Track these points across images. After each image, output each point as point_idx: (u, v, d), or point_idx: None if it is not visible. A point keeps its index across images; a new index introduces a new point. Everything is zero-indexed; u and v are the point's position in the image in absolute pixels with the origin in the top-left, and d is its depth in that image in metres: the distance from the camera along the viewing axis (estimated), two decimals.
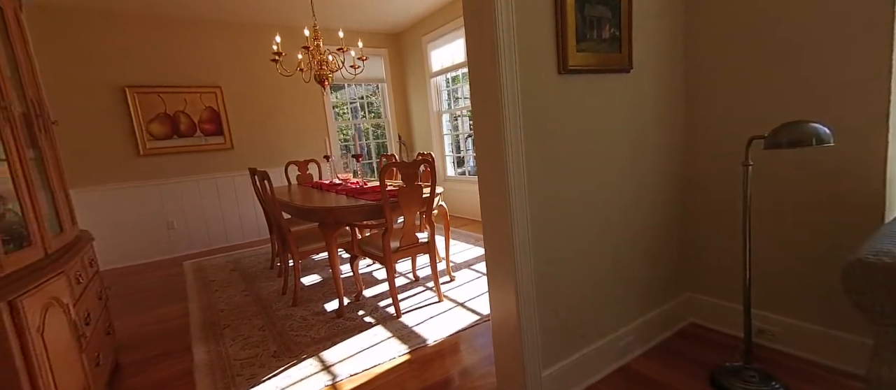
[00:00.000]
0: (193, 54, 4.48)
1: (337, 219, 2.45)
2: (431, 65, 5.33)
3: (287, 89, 5.03)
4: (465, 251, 3.68)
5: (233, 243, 4.82)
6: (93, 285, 1.95)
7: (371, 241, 2.59)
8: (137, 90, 4.22)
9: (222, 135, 4.69)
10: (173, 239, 4.49)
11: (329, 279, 3.23)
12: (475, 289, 2.74)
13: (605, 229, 1.64)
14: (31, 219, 1.50)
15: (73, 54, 3.92)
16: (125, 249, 4.23)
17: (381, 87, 5.97)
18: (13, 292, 1.24)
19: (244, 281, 3.38)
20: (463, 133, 5.73)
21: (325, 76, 3.19)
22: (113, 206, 4.16)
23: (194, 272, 3.79)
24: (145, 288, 3.46)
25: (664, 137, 1.83)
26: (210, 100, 4.60)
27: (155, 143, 4.35)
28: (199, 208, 4.62)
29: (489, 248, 1.50)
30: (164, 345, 2.33)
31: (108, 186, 4.13)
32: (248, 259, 4.08)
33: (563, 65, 1.40)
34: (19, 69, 1.70)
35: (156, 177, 4.37)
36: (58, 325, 1.45)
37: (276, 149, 5.03)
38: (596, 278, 1.64)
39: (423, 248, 2.56)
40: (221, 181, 4.73)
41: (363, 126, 7.20)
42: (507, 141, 1.30)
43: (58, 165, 1.96)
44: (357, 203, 2.48)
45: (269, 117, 4.96)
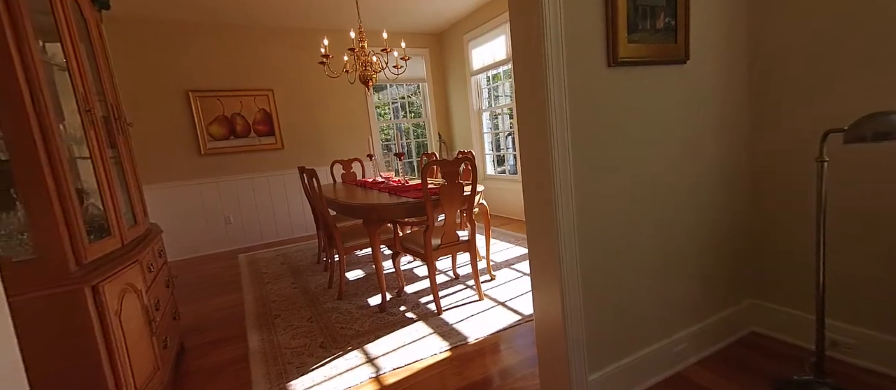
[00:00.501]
0: (249, 59, 4.75)
1: (380, 216, 2.51)
2: (472, 63, 5.31)
3: (333, 91, 5.21)
4: (506, 250, 3.64)
5: (282, 238, 5.07)
6: (162, 274, 2.12)
7: (412, 238, 2.63)
8: (199, 94, 4.54)
9: (274, 135, 4.95)
10: (230, 233, 4.80)
11: (372, 274, 3.31)
12: (516, 289, 2.70)
13: (657, 229, 1.56)
14: (111, 212, 1.65)
15: (144, 62, 4.28)
16: (188, 242, 4.58)
17: (422, 86, 6.04)
18: (96, 278, 1.38)
19: (293, 274, 3.54)
20: (503, 131, 5.67)
21: (369, 77, 3.28)
22: (177, 202, 4.51)
23: (248, 264, 4.02)
24: (205, 277, 3.73)
25: (724, 132, 1.70)
26: (263, 103, 4.87)
27: (214, 144, 4.66)
28: (252, 204, 4.90)
29: (533, 247, 1.47)
30: (222, 332, 2.50)
31: (173, 183, 4.48)
32: (296, 253, 4.28)
33: (613, 57, 1.34)
34: (100, 76, 1.88)
35: (215, 174, 4.68)
36: (132, 310, 1.59)
37: (322, 148, 5.24)
38: (647, 280, 1.56)
39: (463, 246, 2.56)
40: (273, 179, 4.99)
41: (403, 126, 7.31)
42: (553, 137, 1.27)
43: (132, 163, 2.15)
44: (399, 200, 2.52)
45: (316, 118, 5.17)
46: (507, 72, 4.84)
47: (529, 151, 1.37)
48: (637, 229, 1.51)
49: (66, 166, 1.38)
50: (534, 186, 1.39)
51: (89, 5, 1.94)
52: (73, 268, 1.35)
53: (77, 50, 1.62)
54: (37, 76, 1.31)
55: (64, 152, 1.38)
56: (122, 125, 2.11)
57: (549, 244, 1.37)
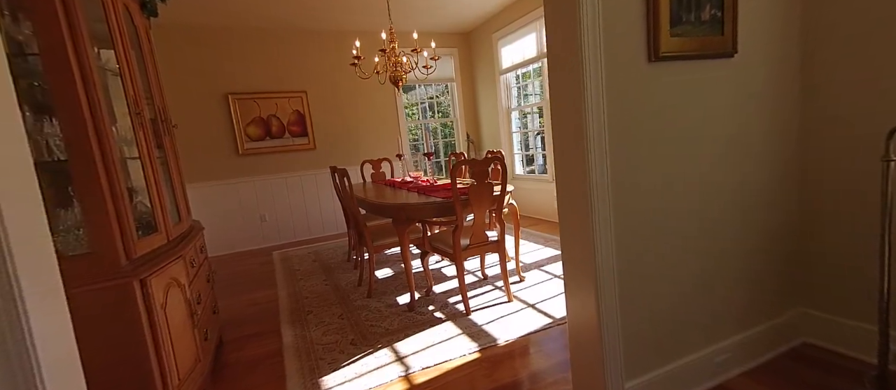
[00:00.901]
0: (284, 62, 4.91)
1: (409, 215, 2.52)
2: (501, 61, 5.26)
3: (363, 92, 5.29)
4: (535, 251, 3.58)
5: (314, 236, 5.20)
6: (203, 269, 2.22)
7: (441, 238, 2.63)
8: (238, 97, 4.73)
9: (306, 136, 5.08)
10: (265, 230, 4.97)
11: (401, 273, 3.34)
12: (546, 291, 2.65)
13: (700, 231, 1.48)
14: (158, 210, 1.74)
15: (187, 66, 4.50)
16: (226, 238, 4.78)
17: (450, 86, 6.04)
18: (144, 272, 1.45)
19: (324, 271, 3.62)
20: (532, 130, 5.58)
21: (399, 77, 3.30)
22: (217, 200, 4.71)
23: (282, 261, 4.15)
24: (241, 273, 3.87)
25: (773, 128, 1.60)
26: (297, 104, 5.01)
27: (251, 144, 4.84)
28: (286, 203, 5.05)
29: (567, 248, 1.43)
30: (257, 326, 2.58)
31: (213, 182, 4.68)
32: (327, 251, 4.37)
33: (654, 51, 1.29)
34: (149, 80, 1.98)
35: (251, 174, 4.86)
36: (176, 303, 1.67)
37: (352, 148, 5.33)
38: (688, 284, 1.49)
39: (492, 247, 2.54)
40: (305, 178, 5.13)
41: (430, 126, 7.33)
42: (590, 136, 1.23)
43: (177, 163, 2.26)
44: (428, 200, 2.52)
45: (346, 119, 5.27)
46: (538, 70, 4.77)
47: (564, 150, 1.34)
48: (678, 230, 1.44)
49: (118, 166, 1.46)
50: (568, 185, 1.35)
51: (139, 13, 2.06)
52: (123, 262, 1.43)
53: (128, 56, 1.71)
54: (93, 81, 1.40)
55: (116, 153, 1.46)
56: (168, 127, 2.22)
57: (584, 245, 1.33)
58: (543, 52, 4.46)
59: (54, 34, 1.32)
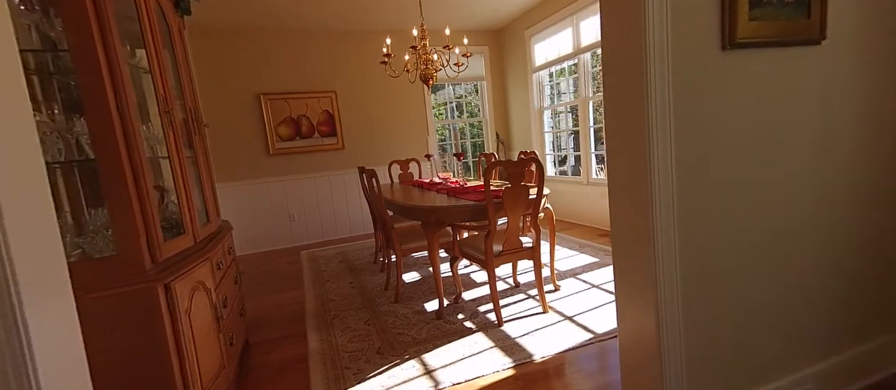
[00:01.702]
0: (315, 62, 4.92)
1: (439, 218, 2.41)
2: (534, 59, 5.08)
3: (391, 92, 5.24)
4: (570, 258, 3.40)
5: (341, 236, 5.19)
6: (231, 270, 2.19)
7: (472, 243, 2.50)
8: (269, 97, 4.77)
9: (335, 136, 5.08)
10: (294, 230, 4.99)
11: (428, 277, 3.23)
12: (584, 302, 2.47)
13: (777, 242, 1.29)
14: (185, 211, 1.70)
15: (222, 67, 4.57)
16: (255, 237, 4.83)
17: (480, 85, 5.90)
18: (169, 276, 1.41)
19: (351, 273, 3.57)
20: (566, 130, 5.37)
21: (429, 75, 3.20)
22: (247, 199, 4.77)
23: (309, 261, 4.14)
24: (270, 273, 3.88)
25: (866, 127, 1.38)
26: (326, 104, 5.01)
27: (281, 144, 4.88)
28: (314, 203, 5.06)
29: (621, 258, 1.28)
30: (284, 329, 2.54)
31: (244, 182, 4.74)
32: (354, 252, 4.33)
33: (729, 38, 1.12)
34: (181, 80, 1.96)
35: (281, 173, 4.90)
36: (202, 307, 1.62)
37: (380, 148, 5.29)
38: (761, 305, 1.30)
39: (526, 254, 2.39)
40: (334, 178, 5.12)
41: (458, 126, 7.22)
42: (652, 134, 1.07)
43: (207, 163, 2.23)
44: (459, 203, 2.40)
45: (375, 119, 5.23)
46: (573, 67, 4.55)
47: (621, 149, 1.19)
48: (752, 241, 1.26)
49: (145, 166, 1.41)
50: (626, 188, 1.20)
51: (172, 11, 2.04)
52: (148, 265, 1.38)
53: (160, 54, 1.68)
54: (122, 80, 1.36)
55: (144, 152, 1.42)
56: (199, 126, 2.21)
57: (643, 255, 1.17)
58: (581, 46, 4.25)
59: (84, 31, 1.29)
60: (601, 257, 3.32)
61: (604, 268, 3.04)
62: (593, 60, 4.36)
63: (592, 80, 4.36)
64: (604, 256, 3.33)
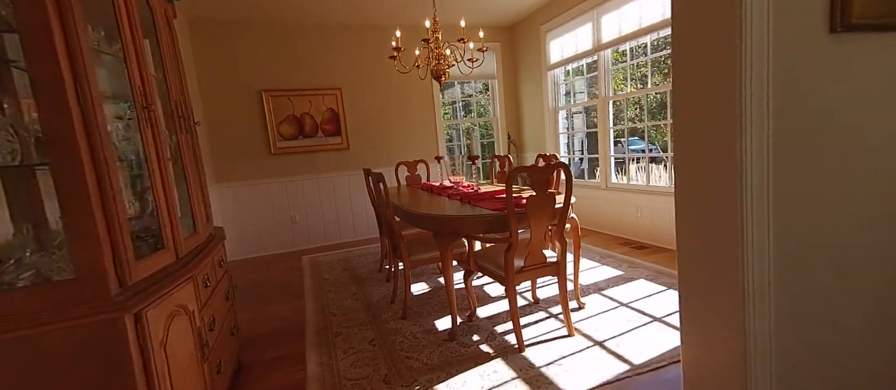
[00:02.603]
0: (319, 58, 4.69)
1: (454, 228, 2.17)
2: (549, 56, 4.83)
3: (399, 90, 5.01)
4: (592, 270, 3.14)
5: (345, 240, 4.96)
6: (221, 286, 1.96)
7: (489, 256, 2.26)
8: (272, 94, 4.55)
9: (340, 135, 4.85)
10: (295, 233, 4.77)
11: (438, 289, 3.00)
12: (613, 324, 2.23)
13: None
14: (166, 222, 1.47)
15: (222, 62, 4.36)
16: (255, 241, 4.61)
17: (490, 83, 5.65)
18: (140, 303, 1.18)
19: (354, 282, 3.34)
20: (580, 131, 5.13)
21: (442, 71, 2.96)
22: (247, 201, 4.55)
23: (311, 267, 3.91)
24: (268, 280, 3.65)
25: None
26: (331, 102, 4.78)
27: (283, 143, 4.65)
28: (317, 205, 4.84)
29: (691, 272, 1.06)
30: (281, 347, 2.31)
31: (244, 182, 4.53)
32: (358, 258, 4.10)
33: (841, 18, 0.87)
34: (166, 71, 1.73)
35: (283, 174, 4.68)
36: (181, 335, 1.39)
37: (386, 149, 5.06)
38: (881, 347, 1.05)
39: (550, 269, 2.14)
40: (338, 180, 4.90)
41: (463, 126, 6.97)
42: (745, 130, 0.83)
43: (198, 166, 2.01)
44: (477, 212, 2.16)
45: (381, 118, 5.00)
46: (592, 63, 4.30)
47: (700, 146, 0.95)
48: (871, 269, 1.01)
49: (113, 169, 1.19)
50: (704, 191, 0.97)
51: None
52: (114, 290, 1.15)
53: (137, 40, 1.45)
54: (83, 65, 1.13)
55: (110, 152, 1.20)
56: (188, 124, 1.98)
57: (725, 267, 0.93)
58: (601, 43, 3.99)
59: (36, 7, 1.06)
60: (625, 269, 3.07)
61: (631, 283, 2.79)
62: (614, 57, 4.10)
63: (613, 78, 4.10)
64: (629, 269, 3.08)
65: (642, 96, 4.00)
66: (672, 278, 2.81)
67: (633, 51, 3.87)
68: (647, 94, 3.97)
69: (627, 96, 4.16)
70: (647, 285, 2.73)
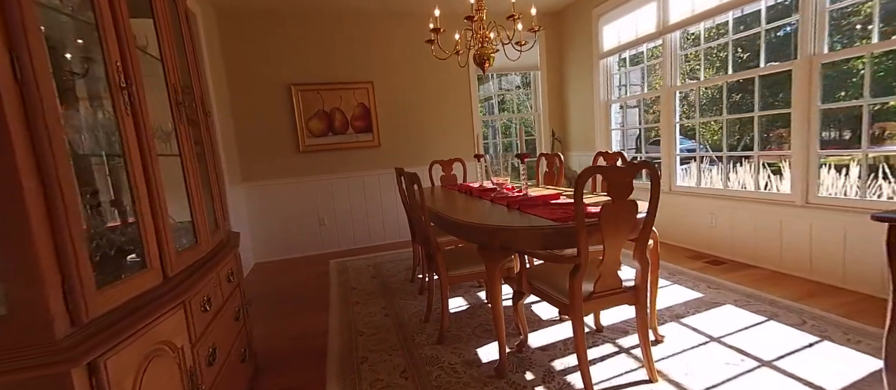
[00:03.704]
0: (350, 49, 4.41)
1: (505, 242, 1.77)
2: (602, 43, 4.32)
3: (433, 84, 4.66)
4: (663, 290, 2.65)
5: (374, 243, 4.67)
6: (229, 306, 1.66)
7: (547, 276, 1.85)
8: (301, 88, 4.31)
9: (371, 132, 4.56)
10: (323, 235, 4.52)
11: (478, 306, 2.61)
12: (706, 367, 1.76)
13: None
14: (149, 234, 1.17)
15: (252, 55, 4.15)
16: (282, 243, 4.39)
17: (532, 76, 5.19)
18: (96, 348, 0.86)
19: (384, 294, 3.00)
20: (633, 127, 4.58)
21: (486, 56, 2.57)
22: (275, 200, 4.34)
23: (338, 274, 3.62)
24: (293, 287, 3.39)
25: None
26: (362, 97, 4.50)
27: (312, 140, 4.41)
28: (346, 206, 4.57)
29: None
30: (299, 374, 2.00)
31: (273, 181, 4.31)
32: (388, 264, 3.78)
33: None
34: (161, 42, 1.44)
35: (311, 173, 4.43)
36: (163, 383, 1.08)
37: (420, 147, 4.72)
38: None
39: (627, 297, 1.71)
40: (368, 179, 4.61)
41: (499, 123, 6.54)
42: None
43: (206, 161, 1.72)
44: (534, 223, 1.76)
45: (414, 113, 4.67)
46: (655, 50, 3.77)
47: None
48: None
49: (63, 167, 0.88)
50: None
51: None
52: (62, 332, 0.85)
53: (117, 5, 1.15)
54: (22, 26, 0.83)
55: (61, 144, 0.89)
56: (195, 112, 1.69)
57: None
58: (668, 24, 3.45)
59: None
60: (705, 291, 2.56)
61: (715, 310, 2.29)
62: (683, 40, 3.55)
63: (681, 65, 3.56)
64: (709, 290, 2.57)
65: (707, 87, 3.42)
66: (773, 307, 2.28)
67: (712, 31, 3.31)
68: (726, 81, 3.40)
69: (701, 85, 3.59)
70: (738, 313, 2.22)
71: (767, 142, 6.40)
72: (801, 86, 2.59)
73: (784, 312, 2.19)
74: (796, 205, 2.68)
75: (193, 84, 1.73)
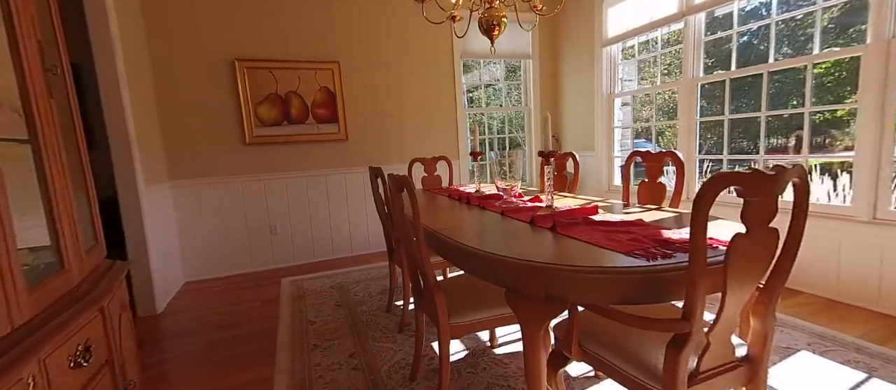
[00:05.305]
0: (311, 20, 3.63)
1: (551, 286, 1.11)
2: (607, 29, 3.79)
3: (413, 67, 3.96)
4: None
5: (339, 256, 3.90)
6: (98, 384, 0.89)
7: (615, 340, 1.22)
8: (248, 64, 3.47)
9: (336, 123, 3.79)
10: (275, 246, 3.70)
11: (480, 350, 1.95)
12: None
13: None
14: None
15: (184, 18, 3.27)
16: (220, 257, 3.53)
17: (523, 65, 4.61)
18: None
19: (353, 332, 2.28)
20: (628, 125, 4.11)
21: (497, 21, 1.92)
22: (213, 204, 3.48)
23: (292, 300, 2.85)
24: (230, 321, 2.59)
25: None
26: (326, 79, 3.72)
27: (262, 130, 3.58)
28: (305, 210, 3.77)
29: None
30: None
31: (209, 179, 3.45)
32: (356, 286, 3.04)
33: None
34: None
35: (261, 170, 3.61)
36: None
37: (395, 142, 4.00)
38: None
39: (741, 374, 1.11)
40: (332, 179, 3.83)
41: (486, 118, 5.97)
42: None
43: (58, 153, 0.95)
44: (617, 262, 1.11)
45: (390, 102, 3.94)
46: (671, 35, 3.27)
47: None
48: None
49: None
50: None
51: None
52: None
53: None
54: None
55: None
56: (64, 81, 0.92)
57: None
58: (691, 4, 2.95)
59: None
60: None
61: (791, 358, 1.76)
62: (708, 22, 3.06)
63: (704, 53, 3.07)
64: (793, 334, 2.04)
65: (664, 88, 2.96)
66: (861, 354, 1.78)
67: (742, 14, 2.84)
68: (766, 70, 2.94)
69: (730, 75, 3.12)
70: (823, 365, 1.70)
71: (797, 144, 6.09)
72: (874, 74, 2.13)
73: (882, 364, 1.69)
74: (860, 220, 2.23)
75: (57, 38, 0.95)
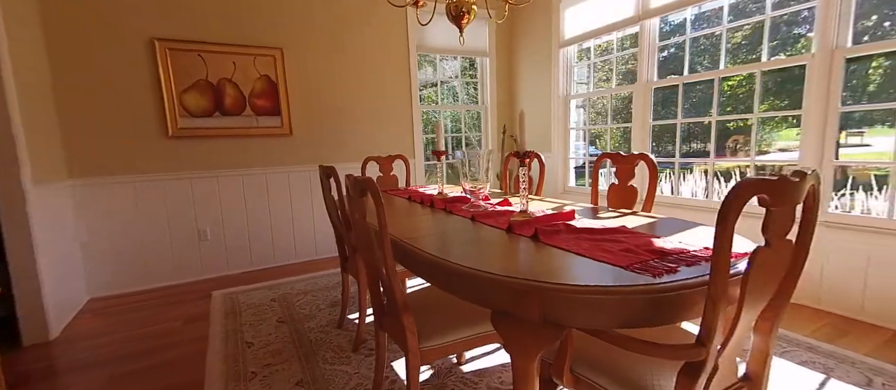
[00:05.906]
0: (252, 0, 3.22)
1: (548, 309, 0.96)
2: (564, 30, 3.78)
3: (365, 57, 3.68)
4: None
5: (281, 263, 3.52)
6: None
7: (609, 365, 1.09)
8: (171, 45, 3.00)
9: (279, 115, 3.41)
10: (204, 254, 3.24)
11: (445, 369, 1.77)
12: None
13: None
14: None
15: None
16: (135, 267, 3.02)
17: (480, 63, 4.50)
18: None
19: (300, 354, 1.99)
20: (609, 127, 4.17)
21: (466, 7, 1.74)
22: (126, 205, 2.95)
23: (224, 317, 2.47)
24: (146, 346, 2.17)
25: None
26: (267, 66, 3.32)
27: (189, 122, 3.12)
28: (241, 213, 3.35)
29: None
30: None
31: (122, 177, 2.93)
32: (302, 298, 2.73)
33: None
34: None
35: (188, 167, 3.14)
36: None
37: (346, 139, 3.69)
38: None
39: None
40: (274, 178, 3.44)
41: (441, 115, 5.83)
42: None
43: None
44: (621, 280, 0.98)
45: (340, 95, 3.63)
46: (626, 39, 3.31)
47: None
48: None
49: None
50: None
51: None
52: None
53: None
54: None
55: None
56: None
57: None
58: (648, 8, 2.99)
59: None
60: (784, 351, 2.04)
61: None
62: (663, 26, 3.13)
63: (658, 56, 3.14)
64: (787, 349, 2.06)
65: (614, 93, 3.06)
66: None
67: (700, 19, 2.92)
68: (717, 76, 3.04)
69: (684, 80, 3.19)
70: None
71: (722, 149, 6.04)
72: (817, 81, 2.25)
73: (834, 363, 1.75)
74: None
75: None
